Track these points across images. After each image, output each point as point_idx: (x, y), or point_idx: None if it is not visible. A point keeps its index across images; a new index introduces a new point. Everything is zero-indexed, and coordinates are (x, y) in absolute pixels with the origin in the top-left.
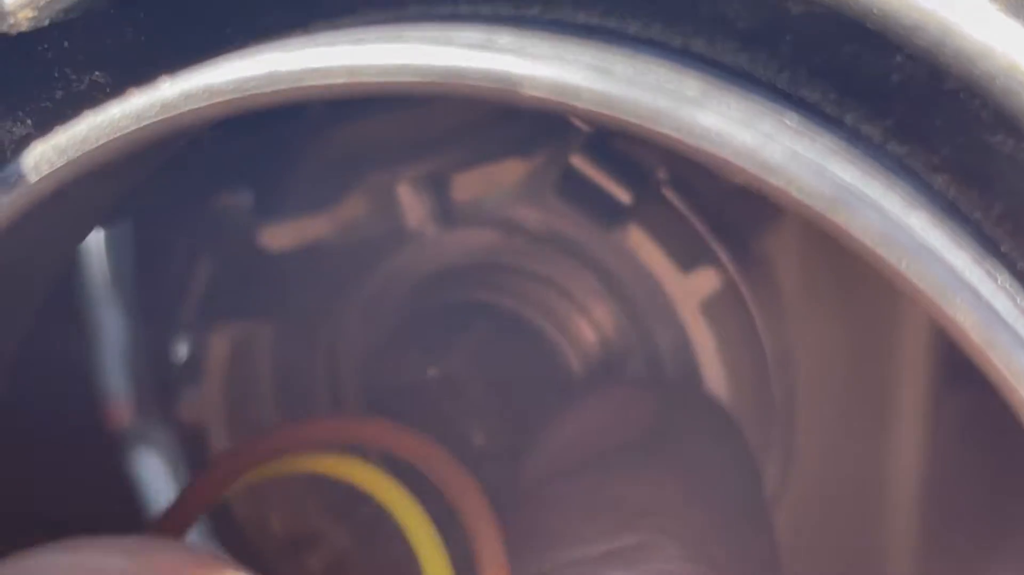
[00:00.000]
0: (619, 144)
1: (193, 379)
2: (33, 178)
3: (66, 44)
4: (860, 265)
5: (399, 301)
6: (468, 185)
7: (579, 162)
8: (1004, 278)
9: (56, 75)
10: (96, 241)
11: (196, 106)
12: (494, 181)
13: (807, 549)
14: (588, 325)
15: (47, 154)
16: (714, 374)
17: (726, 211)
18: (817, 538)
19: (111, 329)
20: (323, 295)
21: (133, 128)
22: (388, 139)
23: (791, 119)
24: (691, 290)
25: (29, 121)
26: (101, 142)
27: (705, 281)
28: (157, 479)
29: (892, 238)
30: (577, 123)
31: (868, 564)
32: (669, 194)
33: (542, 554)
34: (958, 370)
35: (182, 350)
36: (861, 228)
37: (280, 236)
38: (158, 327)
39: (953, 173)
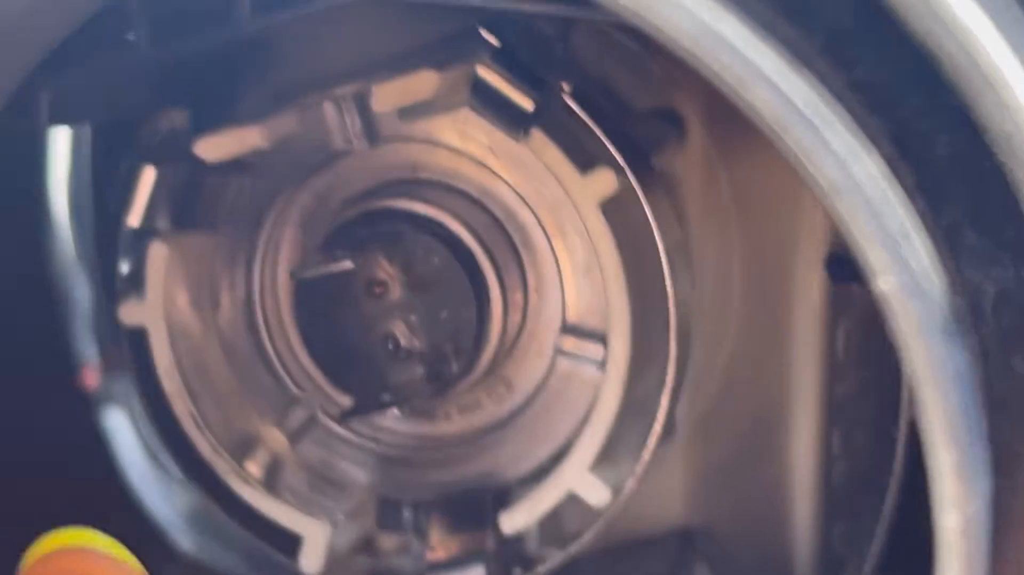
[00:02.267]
0: (523, 56)
1: (135, 287)
2: None
3: None
4: (760, 189)
5: (331, 212)
6: (387, 96)
7: (485, 72)
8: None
9: None
10: (62, 213)
11: None
12: (410, 91)
13: (711, 466)
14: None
15: None
16: (612, 265)
17: (629, 129)
18: (720, 452)
19: (79, 298)
20: (258, 208)
21: None
22: (320, 67)
23: None
24: (591, 191)
25: None
26: None
27: (604, 183)
28: (123, 430)
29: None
30: (485, 35)
31: (771, 482)
32: (572, 103)
33: None
34: (847, 299)
35: (126, 264)
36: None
37: (216, 147)
38: (108, 245)
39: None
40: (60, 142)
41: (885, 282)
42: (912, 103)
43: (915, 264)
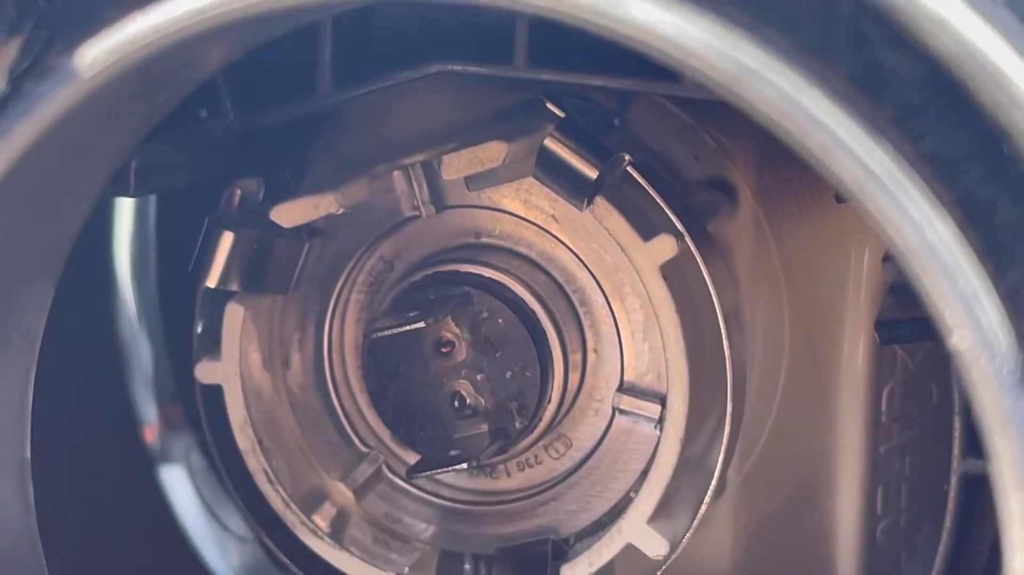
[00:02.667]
0: (589, 122)
1: (211, 346)
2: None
3: None
4: (807, 256)
5: (397, 275)
6: (456, 166)
7: (552, 143)
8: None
9: None
10: (125, 278)
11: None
12: (479, 160)
13: (757, 522)
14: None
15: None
16: (671, 326)
17: (685, 197)
18: (766, 508)
19: (141, 360)
20: (328, 272)
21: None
22: (386, 139)
23: None
24: (651, 255)
25: None
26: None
27: (665, 247)
28: (180, 488)
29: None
30: (551, 107)
31: (815, 540)
32: (633, 173)
33: None
34: (891, 361)
35: (201, 324)
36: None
37: (291, 213)
38: (176, 307)
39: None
40: (124, 208)
41: (959, 338)
42: (975, 173)
43: (985, 323)
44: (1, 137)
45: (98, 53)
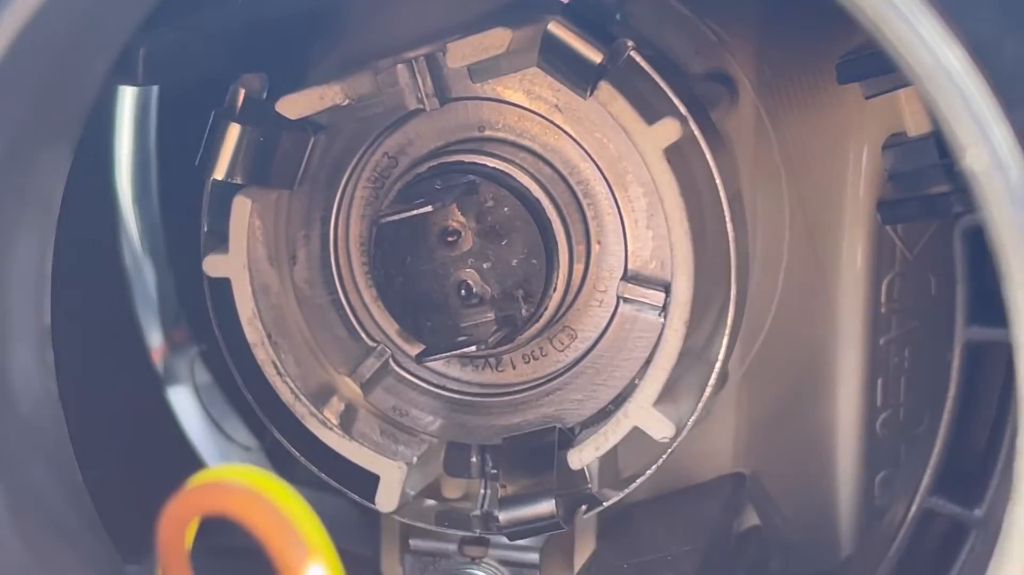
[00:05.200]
0: (591, 14)
1: (219, 240)
2: None
3: None
4: (807, 148)
5: (401, 170)
6: (461, 53)
7: (557, 28)
8: None
9: None
10: (126, 204)
11: None
12: (484, 48)
13: (758, 416)
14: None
15: None
16: (675, 210)
17: (687, 87)
18: (767, 402)
19: (146, 286)
20: (334, 167)
21: None
22: (389, 35)
23: None
24: (656, 139)
25: None
26: None
27: (669, 130)
28: (187, 407)
29: None
30: None
31: (816, 432)
32: (637, 58)
33: None
34: (891, 252)
35: (209, 220)
36: None
37: (297, 104)
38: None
39: None
40: (124, 131)
41: (973, 156)
42: (984, 14)
43: (997, 145)
44: None
45: None
